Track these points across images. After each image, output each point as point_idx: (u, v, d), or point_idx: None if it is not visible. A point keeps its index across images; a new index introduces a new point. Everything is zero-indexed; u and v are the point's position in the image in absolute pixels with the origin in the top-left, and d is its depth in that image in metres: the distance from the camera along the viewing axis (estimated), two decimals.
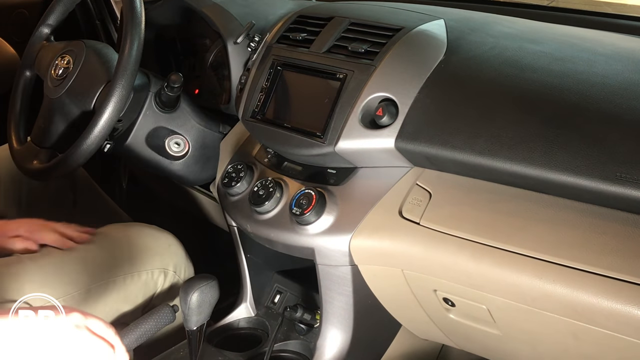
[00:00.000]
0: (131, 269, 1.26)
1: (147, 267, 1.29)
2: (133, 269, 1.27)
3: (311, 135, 1.09)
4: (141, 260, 1.28)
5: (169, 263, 1.33)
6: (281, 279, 1.38)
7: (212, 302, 1.12)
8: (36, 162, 1.28)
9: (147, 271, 1.29)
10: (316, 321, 1.24)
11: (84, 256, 1.23)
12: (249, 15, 1.39)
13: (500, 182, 0.97)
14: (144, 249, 1.30)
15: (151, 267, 1.30)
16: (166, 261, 1.33)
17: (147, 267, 1.29)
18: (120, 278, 1.25)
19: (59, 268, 1.19)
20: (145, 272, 1.29)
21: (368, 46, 1.08)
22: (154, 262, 1.31)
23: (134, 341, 1.08)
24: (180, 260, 1.36)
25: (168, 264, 1.33)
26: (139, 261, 1.28)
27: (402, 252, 1.02)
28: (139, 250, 1.29)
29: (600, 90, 0.92)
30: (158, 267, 1.31)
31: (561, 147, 0.87)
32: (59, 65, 1.29)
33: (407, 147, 1.01)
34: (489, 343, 1.13)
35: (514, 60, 1.02)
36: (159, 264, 1.32)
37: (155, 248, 1.32)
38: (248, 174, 1.22)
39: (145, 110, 1.30)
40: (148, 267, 1.29)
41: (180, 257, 1.36)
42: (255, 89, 1.20)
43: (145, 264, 1.29)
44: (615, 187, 0.82)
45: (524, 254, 0.90)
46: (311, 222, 1.08)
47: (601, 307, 0.83)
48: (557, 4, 1.65)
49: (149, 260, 1.30)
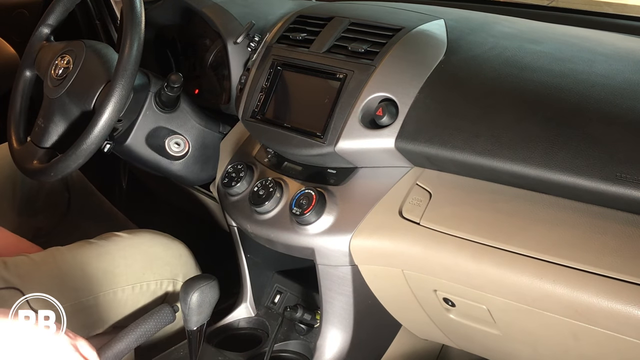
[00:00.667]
0: (141, 279, 1.26)
1: (157, 277, 1.28)
2: (143, 279, 1.26)
3: (311, 135, 1.09)
4: (151, 270, 1.27)
5: (179, 273, 1.32)
6: (281, 279, 1.38)
7: (212, 302, 1.12)
8: (36, 162, 1.27)
9: (157, 281, 1.28)
10: (316, 321, 1.24)
11: (94, 263, 1.22)
12: (249, 15, 1.39)
13: (501, 182, 0.97)
14: (155, 258, 1.29)
15: (161, 277, 1.29)
16: (176, 271, 1.32)
17: (157, 277, 1.28)
18: (129, 287, 1.24)
19: (68, 273, 1.19)
20: (154, 282, 1.28)
21: (368, 46, 1.08)
22: (164, 272, 1.30)
23: (134, 341, 1.08)
24: (190, 269, 1.35)
25: (178, 273, 1.32)
26: (149, 271, 1.27)
27: (402, 252, 1.02)
28: (149, 259, 1.28)
29: (600, 90, 0.92)
30: (167, 277, 1.30)
31: (561, 147, 0.87)
32: (59, 65, 1.29)
33: (407, 147, 1.01)
34: (489, 343, 1.13)
35: (514, 60, 1.02)
36: (169, 274, 1.31)
37: (165, 257, 1.31)
38: (248, 174, 1.22)
39: (145, 110, 1.30)
40: (158, 277, 1.28)
41: (190, 266, 1.35)
42: (255, 89, 1.20)
43: (155, 273, 1.28)
44: (615, 187, 0.82)
45: (524, 254, 0.90)
46: (311, 222, 1.08)
47: (601, 307, 0.83)
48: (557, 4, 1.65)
49: (159, 270, 1.29)
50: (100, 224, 1.60)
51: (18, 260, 1.18)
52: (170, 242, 1.34)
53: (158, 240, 1.33)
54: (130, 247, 1.28)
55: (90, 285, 1.19)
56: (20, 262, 1.17)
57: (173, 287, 1.31)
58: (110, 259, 1.24)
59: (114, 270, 1.23)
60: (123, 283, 1.23)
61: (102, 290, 1.21)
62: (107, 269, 1.23)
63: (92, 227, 1.55)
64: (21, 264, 1.16)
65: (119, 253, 1.26)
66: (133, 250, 1.28)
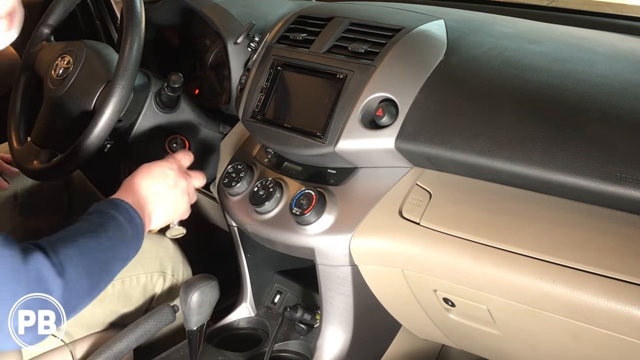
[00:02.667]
0: (129, 272, 1.27)
1: (146, 270, 1.30)
2: (131, 272, 1.27)
3: (311, 135, 1.09)
4: (140, 263, 1.28)
5: (167, 266, 1.34)
6: (281, 279, 1.38)
7: (213, 302, 1.12)
8: (36, 162, 1.28)
9: (146, 274, 1.30)
10: (316, 321, 1.24)
11: None
12: (249, 15, 1.39)
13: (500, 182, 0.97)
14: (143, 251, 1.29)
15: (150, 270, 1.31)
16: (165, 264, 1.34)
17: (146, 270, 1.30)
18: (118, 281, 1.25)
19: None
20: (144, 275, 1.30)
21: (368, 46, 1.08)
22: (153, 265, 1.31)
23: (134, 341, 1.09)
24: (177, 263, 1.37)
25: (166, 267, 1.34)
26: (138, 264, 1.28)
27: (402, 252, 1.02)
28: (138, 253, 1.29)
29: (600, 90, 0.92)
30: (157, 270, 1.32)
31: (561, 147, 0.87)
32: (59, 66, 1.29)
33: (407, 147, 1.01)
34: (489, 343, 1.13)
35: (514, 60, 1.02)
36: (158, 267, 1.33)
37: (153, 251, 1.33)
38: (248, 174, 1.22)
39: (145, 110, 1.31)
40: (147, 270, 1.30)
41: (177, 259, 1.37)
42: (255, 89, 1.20)
43: (144, 267, 1.30)
44: (615, 187, 0.82)
45: (524, 254, 0.90)
46: (311, 222, 1.08)
47: (601, 307, 0.83)
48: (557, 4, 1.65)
49: (147, 263, 1.30)
50: None
51: None
52: (157, 237, 1.36)
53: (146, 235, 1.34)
54: None
55: None
56: None
57: (163, 280, 1.33)
58: None
59: None
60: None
61: None
62: None
63: None
64: None
65: None
66: None
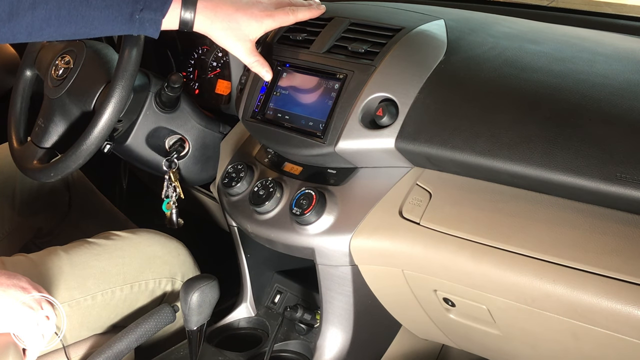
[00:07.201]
0: (139, 278, 1.26)
1: (156, 276, 1.29)
2: (141, 278, 1.26)
3: (311, 135, 1.09)
4: (149, 269, 1.28)
5: (177, 272, 1.33)
6: (281, 279, 1.38)
7: (213, 302, 1.12)
8: (36, 162, 1.28)
9: (155, 280, 1.29)
10: (316, 321, 1.24)
11: (92, 262, 1.22)
12: None
13: (500, 182, 0.97)
14: (153, 257, 1.29)
15: (159, 275, 1.29)
16: (174, 270, 1.32)
17: (156, 276, 1.29)
18: (127, 286, 1.24)
19: (66, 273, 1.19)
20: (153, 281, 1.28)
21: (368, 46, 1.08)
22: (162, 270, 1.30)
23: (134, 341, 1.09)
24: (188, 268, 1.35)
25: (176, 272, 1.32)
26: (147, 270, 1.27)
27: (402, 252, 1.02)
28: (147, 258, 1.28)
29: (600, 90, 0.92)
30: (166, 276, 1.30)
31: (561, 147, 0.87)
32: (59, 65, 1.29)
33: (407, 147, 1.01)
34: (489, 343, 1.13)
35: (514, 60, 1.02)
36: (167, 272, 1.31)
37: (163, 256, 1.31)
38: (248, 174, 1.22)
39: (146, 110, 1.30)
40: (156, 276, 1.29)
41: (188, 265, 1.36)
42: (255, 89, 1.20)
43: (154, 272, 1.28)
44: (615, 187, 0.82)
45: (524, 254, 0.90)
46: (311, 222, 1.08)
47: (601, 307, 0.83)
48: (557, 4, 1.65)
49: (157, 269, 1.29)
50: (100, 224, 1.60)
51: (16, 259, 1.18)
52: (168, 241, 1.34)
53: (156, 239, 1.33)
54: (128, 246, 1.28)
55: (88, 285, 1.19)
56: (18, 262, 1.17)
57: (172, 286, 1.32)
58: (108, 258, 1.24)
59: (112, 270, 1.23)
60: (121, 282, 1.23)
61: (100, 289, 1.21)
62: (105, 268, 1.23)
63: (92, 226, 1.55)
64: (19, 264, 1.16)
65: (116, 252, 1.26)
66: (131, 250, 1.28)
